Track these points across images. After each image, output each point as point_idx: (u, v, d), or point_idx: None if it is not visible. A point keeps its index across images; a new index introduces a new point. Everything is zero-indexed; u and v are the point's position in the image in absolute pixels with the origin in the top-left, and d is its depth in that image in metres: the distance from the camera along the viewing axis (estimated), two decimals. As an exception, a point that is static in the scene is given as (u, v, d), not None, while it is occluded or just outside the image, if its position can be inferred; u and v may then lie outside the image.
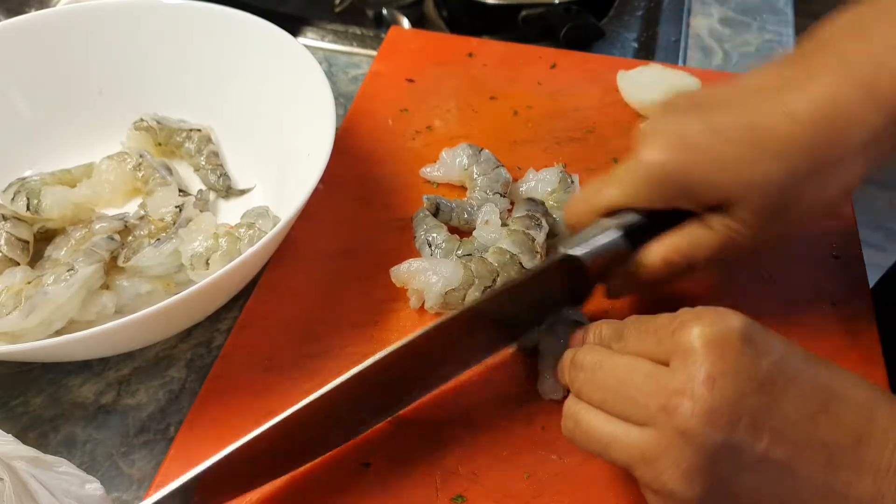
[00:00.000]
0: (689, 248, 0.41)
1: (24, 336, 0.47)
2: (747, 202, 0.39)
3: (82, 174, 0.59)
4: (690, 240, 0.41)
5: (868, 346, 0.49)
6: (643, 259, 0.43)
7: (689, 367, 0.32)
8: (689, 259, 0.42)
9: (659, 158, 0.40)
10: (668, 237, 0.42)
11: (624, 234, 0.42)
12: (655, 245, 0.42)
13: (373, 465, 0.43)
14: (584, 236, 0.43)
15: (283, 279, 0.54)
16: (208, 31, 0.62)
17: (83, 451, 0.46)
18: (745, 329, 0.33)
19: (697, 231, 0.41)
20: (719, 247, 0.41)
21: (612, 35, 0.78)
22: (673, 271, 0.43)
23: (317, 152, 0.50)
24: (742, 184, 0.39)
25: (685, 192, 0.40)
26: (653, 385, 0.33)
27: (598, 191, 0.43)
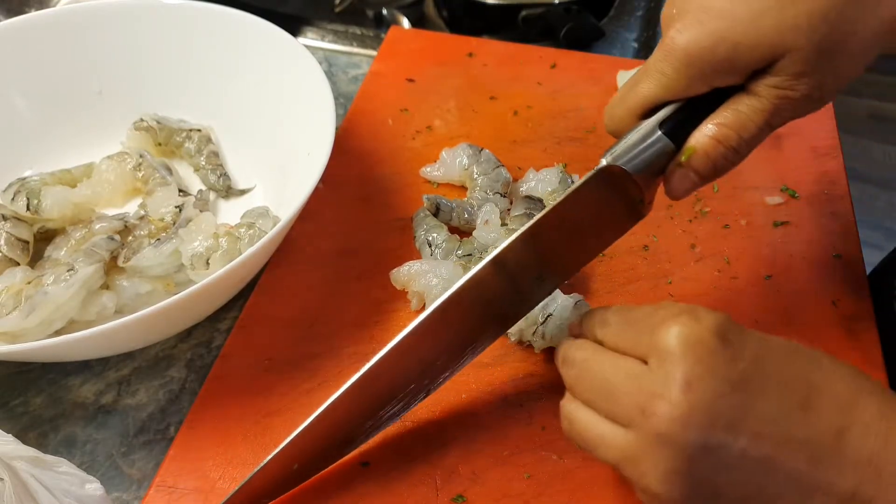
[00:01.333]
0: (740, 122, 0.38)
1: (24, 336, 0.47)
2: (794, 50, 0.35)
3: (82, 174, 0.59)
4: (739, 112, 0.38)
5: (868, 346, 0.49)
6: (694, 143, 0.38)
7: (666, 368, 0.32)
8: (744, 133, 0.38)
9: (691, 37, 0.37)
10: (715, 116, 0.38)
11: (667, 131, 0.39)
12: (704, 126, 0.38)
13: (373, 465, 0.43)
14: (625, 144, 0.39)
15: (283, 279, 0.54)
16: (208, 31, 0.62)
17: (83, 451, 0.46)
18: (722, 329, 0.32)
19: (745, 102, 0.37)
20: (772, 112, 0.37)
21: (612, 35, 0.78)
22: (730, 152, 0.38)
23: (317, 152, 0.50)
24: (784, 30, 0.35)
25: (723, 65, 0.37)
26: (633, 386, 0.33)
27: (633, 88, 0.40)
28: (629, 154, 0.39)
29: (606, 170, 0.39)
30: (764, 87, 0.37)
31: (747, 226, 0.57)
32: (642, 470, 0.32)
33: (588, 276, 0.53)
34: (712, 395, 0.31)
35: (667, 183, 0.40)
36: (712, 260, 0.54)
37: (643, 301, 0.52)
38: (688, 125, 0.39)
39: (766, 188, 0.59)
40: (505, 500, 0.42)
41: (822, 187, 0.59)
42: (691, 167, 0.39)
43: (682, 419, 0.31)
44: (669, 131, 0.39)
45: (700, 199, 0.59)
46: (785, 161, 0.62)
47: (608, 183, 0.39)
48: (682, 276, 0.53)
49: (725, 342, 0.32)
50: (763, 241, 0.55)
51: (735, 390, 0.31)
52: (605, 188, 0.39)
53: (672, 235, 0.56)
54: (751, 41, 0.36)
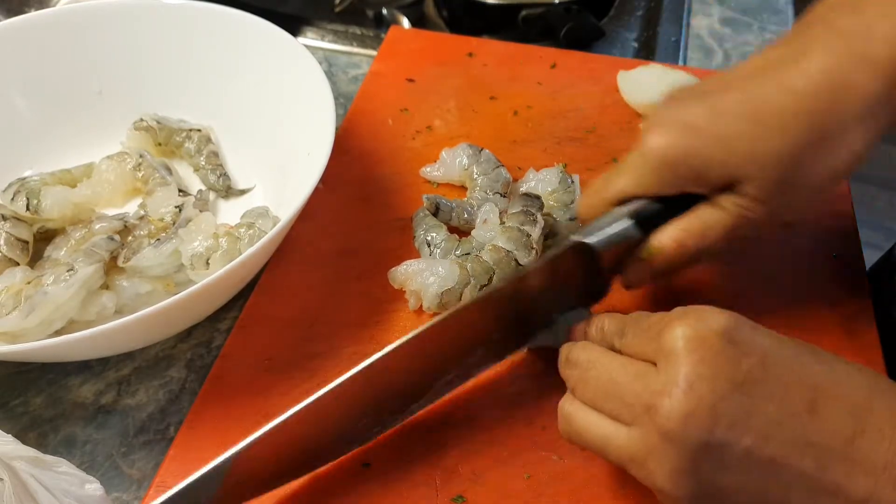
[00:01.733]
0: (700, 230, 0.42)
1: (24, 336, 0.47)
2: (754, 178, 0.39)
3: (82, 174, 0.59)
4: (701, 221, 0.42)
5: (868, 346, 0.49)
6: (655, 243, 0.42)
7: (671, 368, 0.32)
8: (702, 240, 0.42)
9: (664, 144, 0.41)
10: (679, 220, 0.42)
11: (636, 221, 0.43)
12: (667, 228, 0.42)
13: (373, 465, 0.43)
14: (596, 226, 0.43)
15: (283, 279, 0.54)
16: (208, 31, 0.62)
17: (83, 452, 0.46)
18: (728, 329, 0.33)
19: (708, 212, 0.41)
20: (731, 226, 0.41)
21: (612, 35, 0.78)
22: (686, 255, 0.42)
23: (317, 152, 0.50)
24: (747, 160, 0.39)
25: (692, 175, 0.41)
26: (640, 385, 0.34)
27: (609, 181, 0.44)
28: (599, 234, 0.42)
29: (578, 245, 0.42)
30: (728, 203, 0.41)
31: (747, 226, 0.57)
32: (649, 469, 0.33)
33: (588, 276, 0.53)
34: (715, 395, 0.31)
35: (624, 273, 0.44)
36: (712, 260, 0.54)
37: (643, 301, 0.52)
38: (655, 220, 0.43)
39: (766, 188, 0.59)
40: (505, 500, 0.42)
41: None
42: (651, 264, 0.43)
43: (684, 417, 0.31)
44: (640, 222, 0.43)
45: (700, 199, 0.59)
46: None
47: (575, 260, 0.43)
48: (682, 276, 0.53)
49: (731, 342, 0.32)
50: (763, 241, 0.55)
51: (739, 391, 0.31)
52: (572, 265, 0.43)
53: (672, 235, 0.56)
54: (717, 161, 0.40)
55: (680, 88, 0.45)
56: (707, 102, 0.41)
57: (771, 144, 0.39)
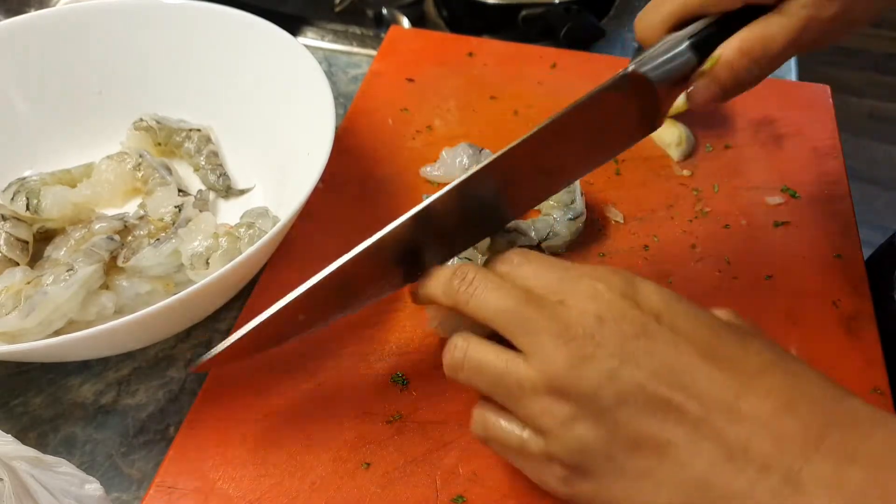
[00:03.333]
0: (765, 37, 0.39)
1: (24, 336, 0.47)
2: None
3: (82, 174, 0.59)
4: (767, 28, 0.39)
5: (868, 346, 0.49)
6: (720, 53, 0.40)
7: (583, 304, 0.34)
8: (767, 48, 0.39)
9: None
10: (744, 30, 0.39)
11: (695, 44, 0.40)
12: (732, 38, 0.39)
13: (373, 465, 0.43)
14: (653, 52, 0.40)
15: (283, 279, 0.54)
16: (208, 31, 0.62)
17: (83, 452, 0.46)
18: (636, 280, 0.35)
19: (773, 19, 0.39)
20: (799, 29, 0.38)
21: (612, 35, 0.78)
22: (753, 66, 0.39)
23: (317, 152, 0.50)
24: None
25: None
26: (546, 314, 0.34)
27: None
28: (655, 63, 0.40)
29: (630, 75, 0.40)
30: (794, 5, 0.38)
31: (747, 226, 0.57)
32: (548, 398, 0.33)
33: (588, 276, 0.53)
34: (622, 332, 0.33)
35: (689, 91, 0.41)
36: (712, 260, 0.54)
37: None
38: (717, 41, 0.39)
39: (766, 188, 0.59)
40: (505, 500, 0.42)
41: (823, 187, 0.59)
42: (715, 76, 0.40)
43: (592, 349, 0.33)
44: (698, 45, 0.39)
45: (700, 199, 0.59)
46: (785, 161, 0.62)
47: (629, 89, 0.40)
48: (683, 276, 0.53)
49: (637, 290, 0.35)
50: (763, 241, 0.55)
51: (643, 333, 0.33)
52: (624, 94, 0.41)
53: (672, 235, 0.56)
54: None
55: None
56: None
57: None
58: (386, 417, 0.46)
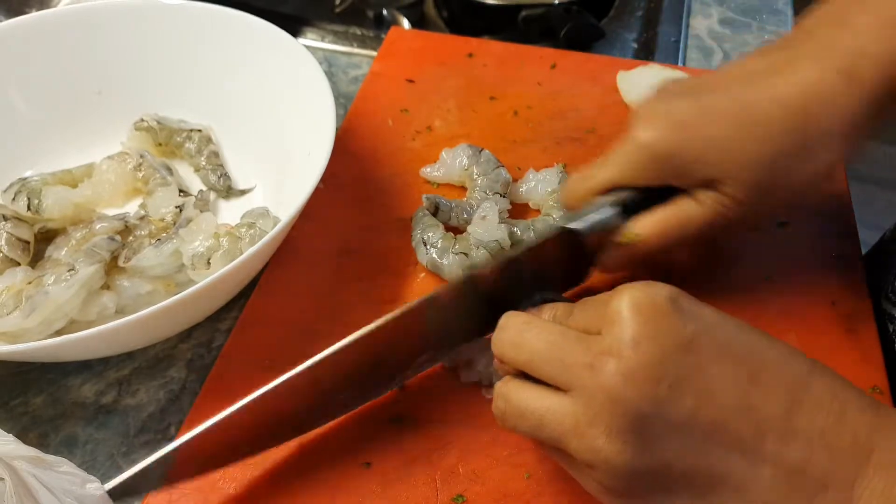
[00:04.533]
0: (679, 221, 0.43)
1: (25, 336, 0.47)
2: (735, 180, 0.41)
3: (83, 174, 0.59)
4: (681, 213, 0.43)
5: (868, 346, 0.49)
6: (637, 230, 0.44)
7: (616, 329, 0.32)
8: (680, 231, 0.43)
9: (650, 137, 0.42)
10: (659, 210, 0.43)
11: (619, 209, 0.44)
12: (648, 216, 0.44)
13: (373, 465, 0.43)
14: (581, 213, 0.44)
15: (284, 279, 0.54)
16: (208, 31, 0.62)
17: (84, 451, 0.46)
18: (674, 296, 0.33)
19: (688, 205, 0.43)
20: (709, 221, 0.42)
21: (612, 35, 0.78)
22: (665, 244, 0.44)
23: (317, 152, 0.50)
24: (729, 162, 0.41)
25: (676, 170, 0.42)
26: (581, 347, 0.33)
27: (594, 171, 0.45)
28: (584, 221, 0.43)
29: (566, 230, 0.43)
30: (708, 199, 0.42)
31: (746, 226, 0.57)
32: (592, 434, 0.32)
33: (588, 276, 0.53)
34: (661, 354, 0.31)
35: (604, 256, 0.45)
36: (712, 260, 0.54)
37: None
38: (638, 209, 0.44)
39: (765, 188, 0.59)
40: (505, 500, 0.42)
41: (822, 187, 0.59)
42: (630, 251, 0.44)
43: (630, 374, 0.31)
44: (623, 210, 0.44)
45: (700, 199, 0.59)
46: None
47: (561, 245, 0.43)
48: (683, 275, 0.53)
49: (677, 307, 0.33)
50: (763, 241, 0.55)
51: (684, 352, 0.32)
52: (557, 250, 0.44)
53: (672, 235, 0.56)
54: (701, 159, 0.41)
55: (670, 82, 0.46)
56: (696, 101, 0.42)
57: (753, 149, 0.40)
58: (386, 417, 0.46)
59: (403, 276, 0.54)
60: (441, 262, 0.52)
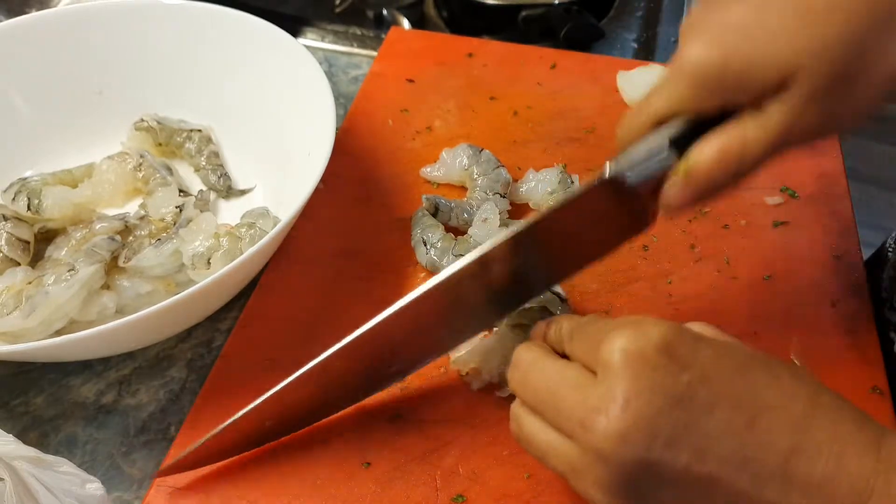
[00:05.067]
0: (743, 141, 0.36)
1: (25, 336, 0.47)
2: (806, 74, 0.34)
3: (83, 174, 0.59)
4: (745, 131, 0.36)
5: (868, 346, 0.49)
6: (695, 157, 0.37)
7: (607, 383, 0.32)
8: (745, 153, 0.37)
9: (704, 51, 0.36)
10: (721, 132, 0.37)
11: (674, 144, 0.38)
12: (706, 141, 0.37)
13: (373, 465, 0.43)
14: (631, 154, 0.38)
15: (284, 279, 0.54)
16: (208, 31, 0.62)
17: (84, 451, 0.46)
18: (667, 341, 0.32)
19: (755, 121, 0.36)
20: (779, 135, 0.36)
21: (612, 35, 0.78)
22: (728, 171, 0.37)
23: (317, 152, 0.50)
24: (798, 51, 0.34)
25: (737, 82, 0.36)
26: (577, 397, 0.33)
27: (647, 101, 0.39)
28: (633, 165, 0.38)
29: (608, 180, 0.38)
30: (775, 109, 0.36)
31: (747, 226, 0.57)
32: (586, 483, 0.32)
33: (588, 276, 0.53)
34: (652, 412, 0.30)
35: (663, 196, 0.39)
36: (712, 260, 0.54)
37: (643, 301, 0.52)
38: (696, 140, 0.38)
39: (765, 188, 0.59)
40: (505, 499, 0.42)
41: (822, 187, 0.59)
42: (689, 182, 0.37)
43: (620, 436, 0.30)
44: (677, 145, 0.38)
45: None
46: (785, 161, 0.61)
47: (609, 193, 0.38)
48: (682, 276, 0.53)
49: (670, 356, 0.31)
50: (763, 241, 0.55)
51: (677, 407, 0.31)
52: (605, 198, 0.39)
53: (672, 235, 0.56)
54: (763, 60, 0.35)
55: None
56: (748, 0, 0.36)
57: (826, 30, 0.34)
58: (386, 417, 0.46)
59: (403, 276, 0.54)
60: (441, 262, 0.52)
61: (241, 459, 0.44)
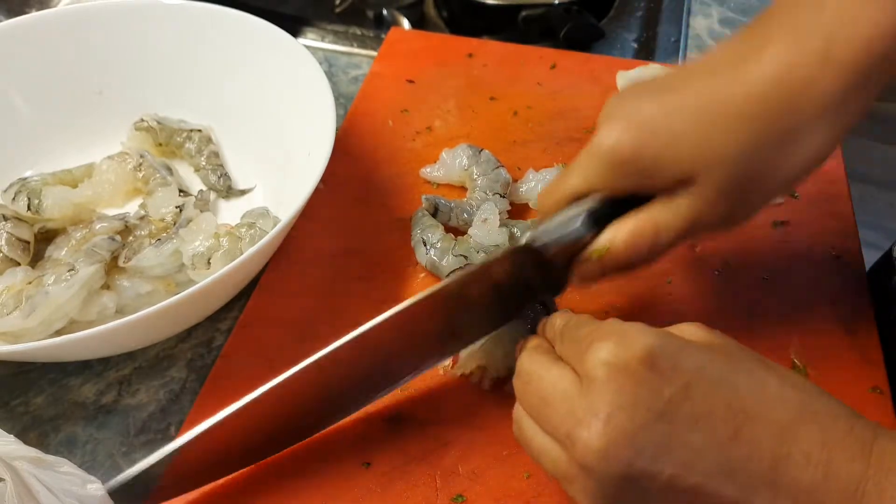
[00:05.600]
0: (652, 229, 0.39)
1: (25, 336, 0.47)
2: (707, 178, 0.37)
3: (83, 174, 0.59)
4: (653, 219, 0.39)
5: (868, 346, 0.49)
6: (604, 242, 0.40)
7: (590, 398, 0.32)
8: (654, 240, 0.39)
9: (613, 139, 0.38)
10: (630, 217, 0.40)
11: (586, 219, 0.41)
12: (617, 227, 0.40)
13: (373, 465, 0.44)
14: (548, 225, 0.42)
15: (284, 279, 0.54)
16: (208, 31, 0.62)
17: (84, 451, 0.46)
18: (650, 353, 0.32)
19: (661, 210, 0.39)
20: (684, 226, 0.39)
21: (612, 35, 0.78)
22: (638, 255, 0.40)
23: (317, 152, 0.50)
24: (700, 159, 0.37)
25: (643, 172, 0.38)
26: (565, 408, 0.33)
27: (563, 178, 0.42)
28: (549, 236, 0.41)
29: (523, 248, 0.41)
30: (682, 200, 0.38)
31: (747, 226, 0.56)
32: (574, 490, 0.33)
33: (588, 276, 0.53)
34: (634, 426, 0.31)
35: (578, 270, 0.42)
36: (712, 260, 0.54)
37: (643, 301, 0.52)
38: (610, 216, 0.41)
39: (765, 188, 0.59)
40: (505, 499, 0.42)
41: (822, 187, 0.59)
42: (604, 261, 0.41)
43: (602, 451, 0.31)
44: (594, 219, 0.41)
45: (700, 199, 0.59)
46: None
47: (525, 260, 0.41)
48: (682, 276, 0.53)
49: (653, 368, 0.31)
50: (763, 241, 0.55)
51: (660, 420, 0.31)
52: (520, 265, 0.42)
53: (672, 235, 0.56)
54: (668, 159, 0.37)
55: (636, 84, 0.43)
56: (660, 98, 0.39)
57: (725, 144, 0.36)
58: (386, 417, 0.46)
59: (403, 276, 0.54)
60: (440, 262, 0.52)
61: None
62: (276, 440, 0.43)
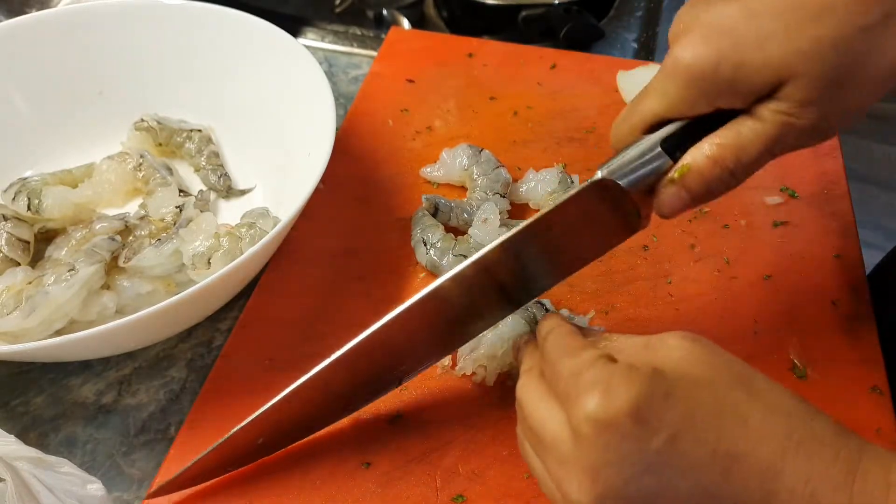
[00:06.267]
0: (738, 143, 0.36)
1: (25, 336, 0.47)
2: (800, 76, 0.34)
3: (83, 174, 0.59)
4: (739, 134, 0.36)
5: (868, 346, 0.49)
6: (690, 161, 0.37)
7: (578, 452, 0.32)
8: (741, 155, 0.36)
9: (695, 53, 0.35)
10: (715, 135, 0.37)
11: (667, 148, 0.37)
12: (701, 144, 0.37)
13: (373, 465, 0.44)
14: (623, 157, 0.38)
15: (284, 279, 0.54)
16: (208, 31, 0.62)
17: (84, 451, 0.46)
18: (636, 406, 0.31)
19: (748, 124, 0.36)
20: (774, 137, 0.35)
21: (612, 35, 0.78)
22: (724, 174, 0.37)
23: (317, 152, 0.50)
24: (790, 54, 0.34)
25: (727, 85, 0.35)
26: (556, 454, 0.33)
27: (638, 105, 0.38)
28: (625, 169, 0.38)
29: (600, 183, 0.38)
30: (768, 112, 0.35)
31: (747, 226, 0.57)
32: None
33: (588, 276, 0.53)
34: (621, 482, 0.31)
35: (657, 200, 0.38)
36: (712, 260, 0.54)
37: (643, 301, 0.52)
38: (689, 144, 0.37)
39: (765, 188, 0.59)
40: (505, 499, 0.42)
41: (822, 187, 0.59)
42: (684, 185, 0.37)
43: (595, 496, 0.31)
44: (669, 149, 0.37)
45: (700, 199, 0.59)
46: (785, 161, 0.61)
47: (602, 196, 0.38)
48: (682, 276, 0.53)
49: (639, 421, 0.31)
50: (763, 241, 0.55)
51: (647, 472, 0.31)
52: (598, 201, 0.39)
53: (672, 235, 0.56)
54: (755, 63, 0.34)
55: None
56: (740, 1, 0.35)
57: (818, 33, 0.33)
58: (386, 417, 0.46)
59: (403, 276, 0.54)
60: (440, 262, 0.52)
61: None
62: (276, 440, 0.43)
